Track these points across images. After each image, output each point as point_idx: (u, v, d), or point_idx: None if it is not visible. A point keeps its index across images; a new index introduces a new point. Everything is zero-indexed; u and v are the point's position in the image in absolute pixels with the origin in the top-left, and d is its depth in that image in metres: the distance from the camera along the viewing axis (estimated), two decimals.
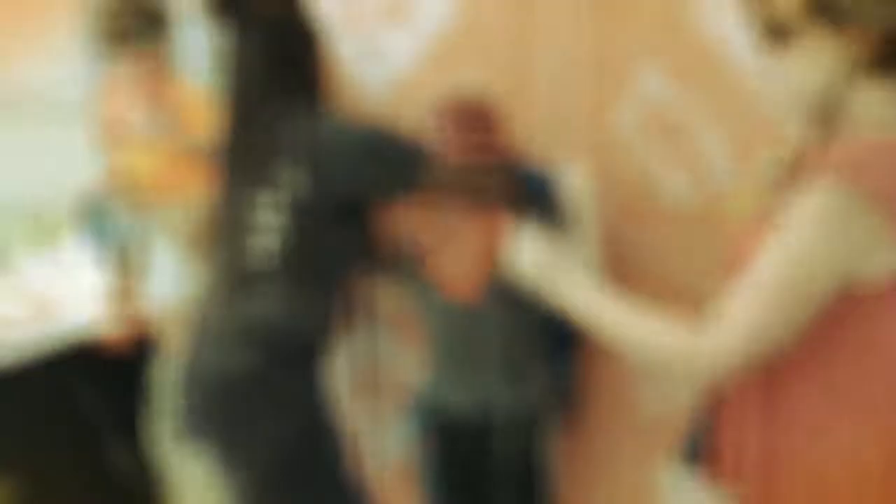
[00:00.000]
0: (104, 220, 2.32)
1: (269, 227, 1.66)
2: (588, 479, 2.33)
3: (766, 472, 1.26)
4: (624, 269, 2.11)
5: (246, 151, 1.66)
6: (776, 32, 1.20)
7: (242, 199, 1.67)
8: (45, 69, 3.02)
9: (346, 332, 2.38)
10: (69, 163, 2.66)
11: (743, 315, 1.15)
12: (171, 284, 2.43)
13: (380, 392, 2.79)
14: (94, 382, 2.73)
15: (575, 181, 1.93)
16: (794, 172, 1.54)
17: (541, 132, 2.15)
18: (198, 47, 2.41)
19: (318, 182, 1.63)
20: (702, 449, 1.46)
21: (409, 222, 2.01)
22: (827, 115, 1.20)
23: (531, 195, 2.00)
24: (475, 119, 1.88)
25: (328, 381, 2.50)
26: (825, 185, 1.11)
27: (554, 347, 2.10)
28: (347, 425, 2.34)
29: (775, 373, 1.24)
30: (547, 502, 2.06)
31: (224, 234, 1.71)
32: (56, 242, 3.16)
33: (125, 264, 2.42)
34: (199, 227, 1.85)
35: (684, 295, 1.99)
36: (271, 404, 1.70)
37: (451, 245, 1.95)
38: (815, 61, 1.18)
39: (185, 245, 2.30)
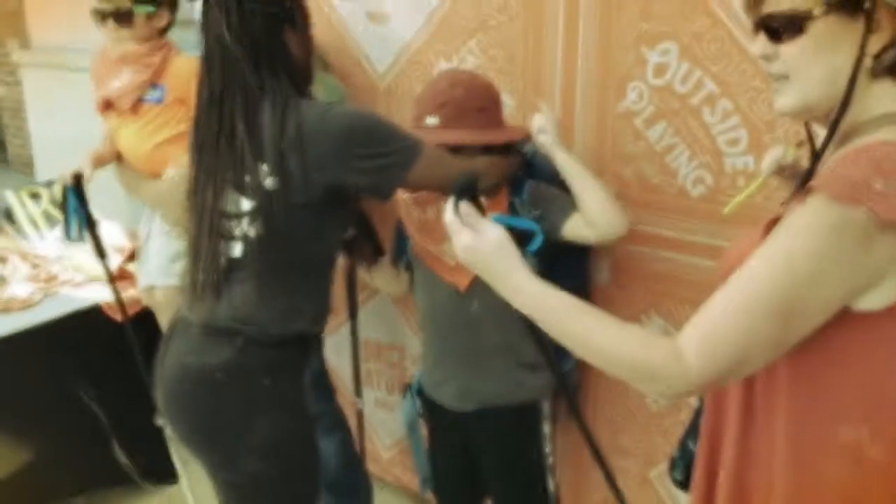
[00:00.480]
0: (77, 198, 2.26)
1: (242, 216, 1.58)
2: (592, 472, 2.29)
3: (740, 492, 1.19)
4: (630, 257, 2.03)
5: (217, 134, 1.56)
6: (782, 25, 1.08)
7: (214, 186, 1.57)
8: None
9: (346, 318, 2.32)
10: None
11: (713, 331, 1.02)
12: (165, 265, 2.39)
13: (380, 374, 2.76)
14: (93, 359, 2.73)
15: (537, 123, 1.81)
16: (798, 172, 1.44)
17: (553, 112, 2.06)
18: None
19: (294, 173, 1.54)
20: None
21: (406, 208, 1.93)
22: (836, 111, 1.07)
23: (533, 172, 1.92)
24: (465, 101, 1.77)
25: (327, 367, 2.50)
26: (823, 198, 0.98)
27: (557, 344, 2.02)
28: (349, 405, 2.31)
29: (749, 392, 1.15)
30: (546, 494, 2.00)
31: (196, 220, 1.63)
32: None
33: (99, 242, 2.37)
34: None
35: (695, 285, 1.94)
36: (243, 404, 1.63)
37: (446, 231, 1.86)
38: (825, 52, 1.06)
39: (175, 223, 2.25)
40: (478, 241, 1.17)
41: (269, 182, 1.55)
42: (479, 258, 1.18)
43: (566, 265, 1.92)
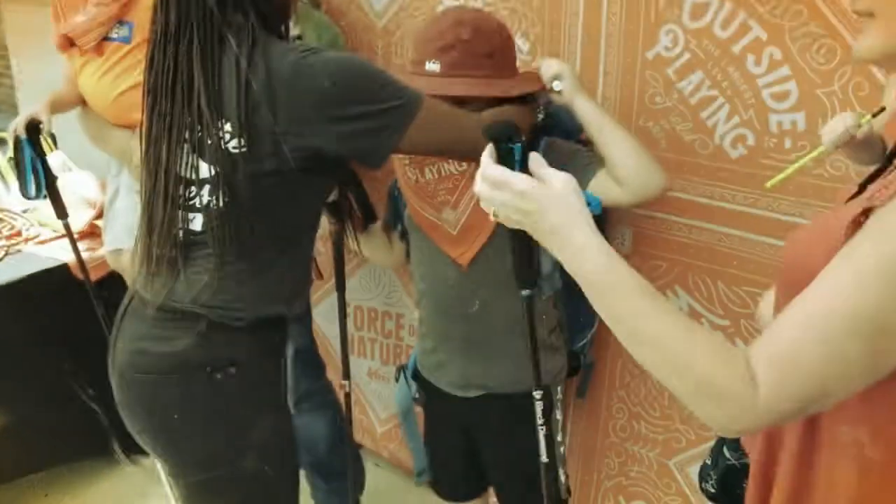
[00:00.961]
0: (34, 149, 2.02)
1: (202, 183, 1.34)
2: (604, 459, 2.10)
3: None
4: (655, 224, 1.81)
5: (171, 80, 1.31)
6: None
7: (169, 141, 1.33)
8: None
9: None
10: None
11: (787, 355, 0.81)
12: (133, 227, 2.15)
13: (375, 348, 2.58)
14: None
15: (551, 69, 1.56)
16: (874, 142, 1.21)
17: (568, 58, 1.82)
18: None
19: (262, 135, 1.29)
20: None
21: (402, 168, 1.69)
22: None
23: (548, 127, 1.68)
24: (471, 44, 1.51)
25: (314, 341, 2.30)
26: None
27: (571, 320, 1.81)
28: (343, 380, 2.12)
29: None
30: (556, 487, 1.79)
31: (149, 182, 1.39)
32: None
33: (59, 200, 2.14)
34: None
35: (728, 259, 1.72)
36: (205, 399, 1.40)
37: (449, 200, 1.63)
38: None
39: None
40: (538, 188, 0.94)
41: (232, 145, 1.30)
42: (535, 207, 0.94)
43: None
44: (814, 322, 0.80)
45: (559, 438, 1.79)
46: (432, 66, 1.51)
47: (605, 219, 1.83)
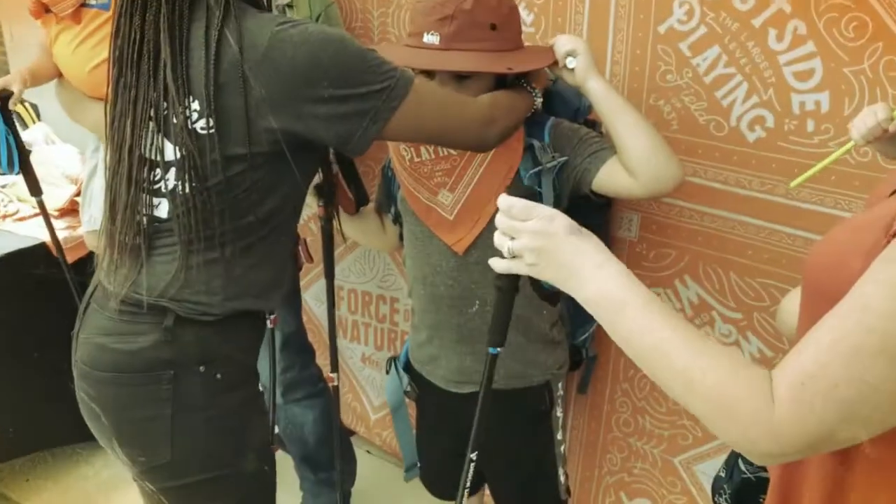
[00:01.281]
0: (5, 122, 1.91)
1: (167, 165, 1.22)
2: (610, 453, 2.02)
3: None
4: (664, 210, 1.70)
5: (137, 51, 1.19)
6: None
7: (133, 117, 1.21)
8: None
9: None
10: None
11: (812, 375, 0.73)
12: None
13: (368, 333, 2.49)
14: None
15: (564, 45, 1.44)
16: None
17: (574, 30, 1.70)
18: None
19: (233, 115, 1.17)
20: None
21: (395, 146, 1.58)
22: None
23: (552, 108, 1.57)
24: (474, 14, 1.39)
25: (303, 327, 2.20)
26: None
27: (573, 313, 1.73)
28: (331, 373, 2.03)
29: None
30: (556, 488, 1.70)
31: (113, 161, 1.27)
32: None
33: (32, 176, 2.04)
34: None
35: (742, 248, 1.61)
36: (171, 400, 1.28)
37: (447, 182, 1.52)
38: None
39: None
40: (561, 213, 0.98)
41: (200, 125, 1.18)
42: (560, 229, 0.97)
43: (582, 215, 1.58)
44: (840, 339, 0.72)
45: (559, 437, 1.69)
46: (431, 39, 1.40)
47: (610, 203, 1.73)
